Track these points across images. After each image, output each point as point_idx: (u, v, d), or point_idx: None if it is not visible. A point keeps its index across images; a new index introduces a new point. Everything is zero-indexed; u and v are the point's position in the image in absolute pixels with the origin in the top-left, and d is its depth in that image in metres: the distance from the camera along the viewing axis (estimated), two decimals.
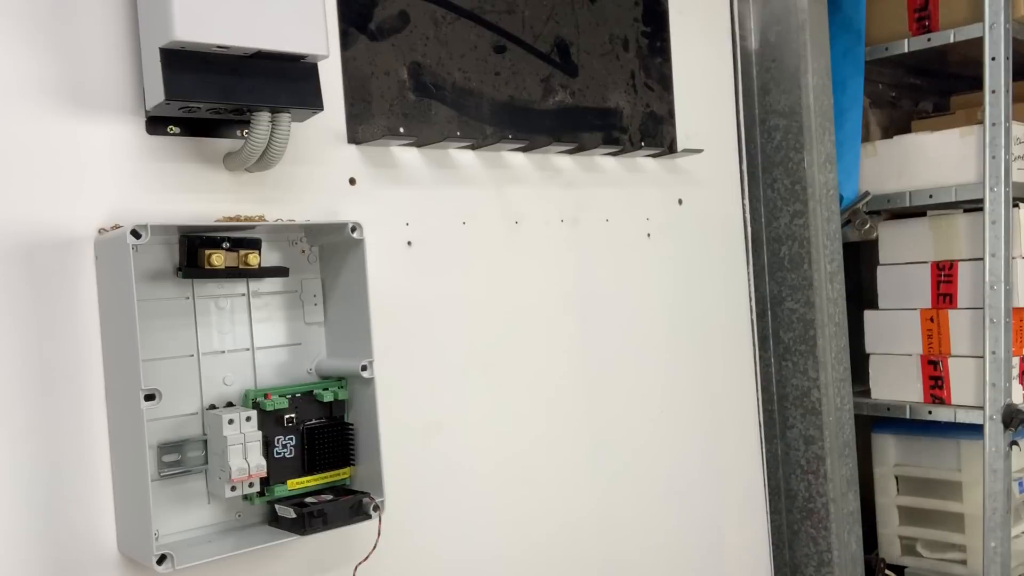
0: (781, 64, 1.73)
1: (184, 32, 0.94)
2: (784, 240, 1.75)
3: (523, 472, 1.36)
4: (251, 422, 1.05)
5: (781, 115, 1.73)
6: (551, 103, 1.40)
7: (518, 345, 1.36)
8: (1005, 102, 1.82)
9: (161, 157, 1.05)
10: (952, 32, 1.91)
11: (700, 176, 1.61)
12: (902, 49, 1.98)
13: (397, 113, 1.24)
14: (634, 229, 1.52)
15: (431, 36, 1.27)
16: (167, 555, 0.95)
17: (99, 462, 1.00)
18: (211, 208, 1.07)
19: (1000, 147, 1.82)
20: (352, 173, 1.20)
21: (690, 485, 1.58)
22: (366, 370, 1.09)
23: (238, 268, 1.06)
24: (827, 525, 1.72)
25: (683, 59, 1.59)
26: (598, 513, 1.45)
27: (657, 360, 1.54)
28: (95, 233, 1.00)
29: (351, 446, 1.12)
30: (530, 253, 1.38)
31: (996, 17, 1.81)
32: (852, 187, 1.92)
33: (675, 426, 1.57)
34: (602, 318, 1.46)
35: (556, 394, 1.40)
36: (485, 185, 1.33)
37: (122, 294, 0.95)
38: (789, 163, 1.73)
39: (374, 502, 1.09)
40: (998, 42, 1.81)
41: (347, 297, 1.12)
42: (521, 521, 1.36)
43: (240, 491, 1.04)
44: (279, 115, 1.04)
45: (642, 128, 1.52)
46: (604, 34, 1.47)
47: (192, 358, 1.07)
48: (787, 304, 1.75)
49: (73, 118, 1.00)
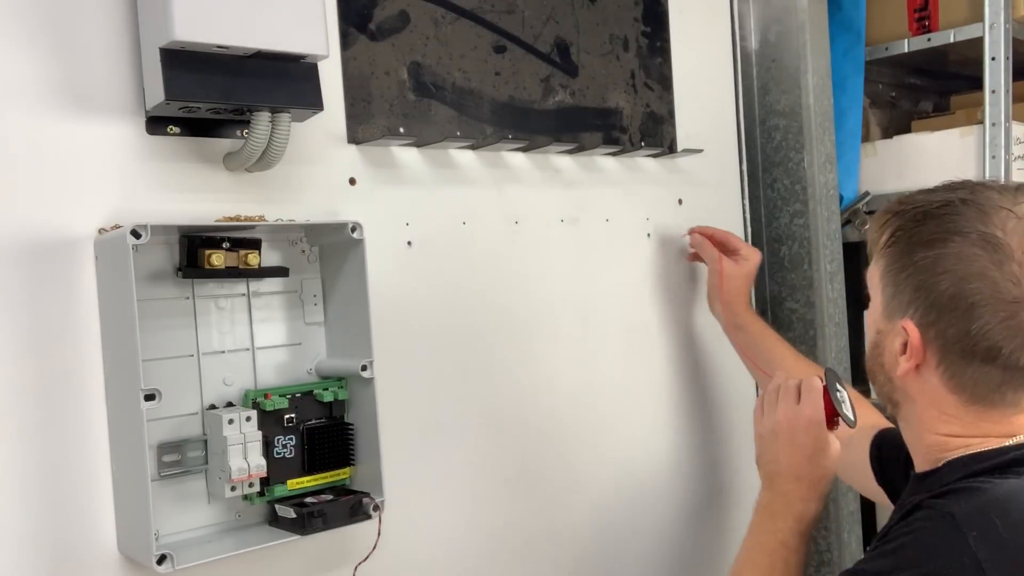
0: (781, 64, 1.73)
1: (184, 32, 0.93)
2: (784, 240, 1.75)
3: (523, 472, 1.36)
4: (251, 422, 1.05)
5: (781, 115, 1.73)
6: (551, 103, 1.40)
7: (518, 345, 1.36)
8: (1005, 102, 1.82)
9: (161, 157, 1.05)
10: (952, 32, 1.91)
11: (700, 176, 1.61)
12: (902, 49, 1.98)
13: (397, 113, 1.24)
14: (634, 229, 1.52)
15: (431, 36, 1.27)
16: (167, 555, 0.95)
17: (99, 462, 1.00)
18: (211, 208, 1.07)
19: (1000, 147, 1.82)
20: (352, 173, 1.20)
21: (688, 486, 1.58)
22: (366, 370, 1.09)
23: (238, 268, 1.06)
24: (827, 525, 1.72)
25: (683, 59, 1.59)
26: (599, 513, 1.45)
27: (657, 360, 1.54)
28: (95, 233, 1.00)
29: (351, 446, 1.12)
30: (530, 253, 1.38)
31: (996, 17, 1.81)
32: (852, 187, 1.92)
33: (675, 426, 1.57)
34: (602, 318, 1.46)
35: (556, 394, 1.40)
36: (485, 185, 1.33)
37: (122, 294, 0.95)
38: (789, 163, 1.73)
39: (374, 502, 1.09)
40: (998, 42, 1.81)
41: (347, 297, 1.12)
42: (521, 521, 1.36)
43: (240, 491, 1.04)
44: (279, 115, 1.04)
45: (642, 128, 1.52)
46: (604, 34, 1.47)
47: (192, 358, 1.07)
48: (787, 304, 1.75)
49: (73, 118, 1.00)
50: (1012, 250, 0.86)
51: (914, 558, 0.84)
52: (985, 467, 0.90)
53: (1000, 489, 0.86)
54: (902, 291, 0.93)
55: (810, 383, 1.14)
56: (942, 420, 0.94)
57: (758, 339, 1.48)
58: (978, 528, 0.82)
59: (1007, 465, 0.89)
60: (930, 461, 0.96)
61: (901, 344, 0.93)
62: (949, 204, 0.90)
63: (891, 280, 0.94)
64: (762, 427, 1.16)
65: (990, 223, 0.88)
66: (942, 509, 0.86)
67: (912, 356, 0.92)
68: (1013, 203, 0.89)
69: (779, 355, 1.46)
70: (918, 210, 0.93)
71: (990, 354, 0.88)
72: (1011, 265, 0.86)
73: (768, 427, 1.14)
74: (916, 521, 0.87)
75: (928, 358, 0.92)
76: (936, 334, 0.90)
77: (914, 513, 0.89)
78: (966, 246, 0.88)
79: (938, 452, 0.95)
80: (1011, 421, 0.92)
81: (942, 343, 0.90)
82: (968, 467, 0.91)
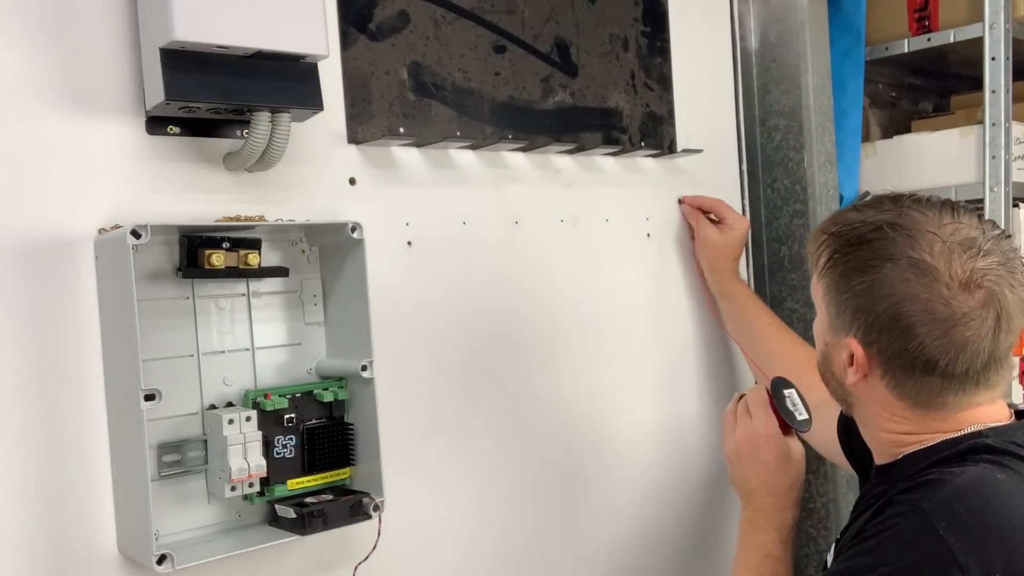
0: (781, 64, 1.73)
1: (184, 32, 0.94)
2: (784, 240, 1.75)
3: (523, 471, 1.36)
4: (251, 422, 1.05)
5: (781, 115, 1.73)
6: (551, 103, 1.40)
7: (518, 344, 1.36)
8: (1005, 102, 1.82)
9: (161, 157, 1.05)
10: (952, 32, 1.91)
11: (700, 176, 1.61)
12: (902, 49, 1.98)
13: (397, 113, 1.24)
14: (634, 229, 1.52)
15: (431, 36, 1.27)
16: (167, 555, 0.95)
17: (99, 462, 1.00)
18: (211, 208, 1.07)
19: (1000, 147, 1.82)
20: (352, 173, 1.20)
21: (689, 486, 1.58)
22: (366, 370, 1.09)
23: (238, 268, 1.06)
24: (827, 525, 1.72)
25: (683, 59, 1.59)
26: (599, 513, 1.45)
27: (657, 360, 1.54)
28: (95, 233, 1.00)
29: (351, 446, 1.12)
30: (530, 253, 1.38)
31: (996, 17, 1.81)
32: (852, 187, 1.92)
33: (675, 426, 1.57)
34: (602, 318, 1.46)
35: (556, 393, 1.40)
36: (485, 185, 1.34)
37: (122, 294, 0.95)
38: (789, 163, 1.73)
39: (374, 502, 1.09)
40: (998, 42, 1.81)
41: (347, 297, 1.12)
42: (521, 520, 1.36)
43: (240, 491, 1.04)
44: (279, 115, 1.04)
45: (642, 128, 1.52)
46: (604, 34, 1.47)
47: (192, 358, 1.07)
48: (787, 304, 1.75)
49: (73, 118, 1.00)
50: (940, 272, 0.93)
51: (892, 553, 0.90)
52: (942, 457, 0.96)
53: (961, 479, 0.92)
54: (844, 311, 0.99)
55: (756, 398, 1.24)
56: (893, 421, 1.01)
57: (740, 307, 1.54)
58: (946, 519, 0.88)
59: (963, 454, 0.95)
60: (888, 455, 1.03)
61: (848, 356, 1.00)
62: (879, 228, 0.97)
63: (833, 300, 1.01)
64: (728, 451, 1.26)
65: (918, 247, 0.94)
66: (912, 504, 0.92)
67: (859, 369, 0.99)
68: (938, 226, 0.95)
69: (759, 323, 1.52)
70: (851, 234, 0.99)
71: (928, 367, 0.95)
72: (940, 287, 0.93)
73: (731, 449, 1.25)
74: (889, 518, 0.93)
75: (873, 370, 0.99)
76: (878, 351, 0.97)
77: (886, 510, 0.94)
78: (897, 271, 0.94)
79: (894, 448, 1.02)
80: (957, 418, 0.98)
81: (884, 358, 0.97)
82: (926, 459, 0.97)
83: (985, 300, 0.93)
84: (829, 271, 1.01)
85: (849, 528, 1.03)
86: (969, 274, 0.93)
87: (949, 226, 0.95)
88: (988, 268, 0.93)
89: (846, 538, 1.01)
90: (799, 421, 1.19)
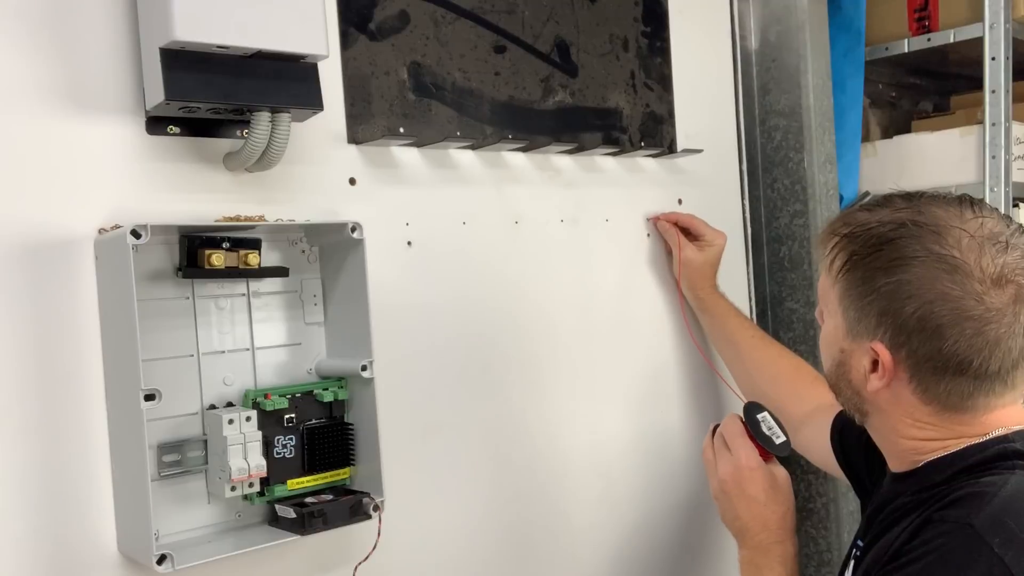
0: (781, 64, 1.73)
1: (184, 32, 0.93)
2: (784, 240, 1.75)
3: (523, 471, 1.36)
4: (251, 422, 1.05)
5: (781, 115, 1.74)
6: (551, 103, 1.41)
7: (518, 344, 1.36)
8: (1005, 102, 1.82)
9: (161, 157, 1.05)
10: (952, 32, 1.91)
11: (700, 176, 1.61)
12: (902, 49, 1.99)
13: (397, 113, 1.24)
14: (634, 229, 1.52)
15: (431, 36, 1.27)
16: (167, 555, 0.95)
17: (99, 462, 1.00)
18: (211, 208, 1.07)
19: (1000, 147, 1.82)
20: (352, 173, 1.20)
21: (690, 485, 1.58)
22: (366, 370, 1.09)
23: (238, 268, 1.06)
24: (827, 525, 1.72)
25: (683, 59, 1.59)
26: (600, 511, 1.45)
27: (657, 360, 1.54)
28: (95, 233, 1.00)
29: (351, 446, 1.12)
30: (530, 253, 1.38)
31: (996, 17, 1.81)
32: (852, 187, 1.92)
33: (675, 425, 1.57)
34: (602, 318, 1.46)
35: (555, 393, 1.40)
36: (485, 185, 1.34)
37: (122, 294, 0.95)
38: (789, 163, 1.73)
39: (374, 502, 1.09)
40: (998, 42, 1.82)
41: (347, 297, 1.12)
42: (521, 521, 1.36)
43: (240, 491, 1.04)
44: (279, 115, 1.04)
45: (642, 128, 1.52)
46: (604, 34, 1.47)
47: (192, 358, 1.07)
48: (787, 304, 1.75)
49: (73, 118, 1.00)
50: (971, 268, 0.89)
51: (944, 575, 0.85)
52: (970, 463, 0.92)
53: (1005, 491, 0.88)
54: (867, 315, 0.94)
55: (732, 430, 1.18)
56: (916, 427, 0.96)
57: (722, 322, 1.52)
58: (1000, 534, 0.84)
59: (991, 460, 0.92)
60: (907, 463, 0.99)
61: (871, 362, 0.95)
62: (902, 226, 0.92)
63: (853, 304, 0.96)
64: (713, 489, 1.20)
65: (945, 244, 0.90)
66: (958, 521, 0.87)
67: (884, 375, 0.94)
68: (963, 221, 0.91)
69: (742, 337, 1.49)
70: (870, 234, 0.94)
71: (961, 368, 0.90)
72: (972, 283, 0.89)
73: (716, 487, 1.19)
74: (934, 539, 0.88)
75: (900, 374, 0.94)
76: (907, 354, 0.93)
77: (925, 529, 0.89)
78: (926, 269, 0.90)
79: (914, 455, 0.98)
80: (982, 421, 0.94)
81: (914, 362, 0.93)
82: (953, 465, 0.94)
83: (1016, 295, 0.89)
84: (847, 274, 0.96)
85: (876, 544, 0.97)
86: (1000, 269, 0.89)
87: (973, 221, 0.91)
88: (1016, 262, 0.90)
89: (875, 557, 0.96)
90: (778, 445, 1.16)
